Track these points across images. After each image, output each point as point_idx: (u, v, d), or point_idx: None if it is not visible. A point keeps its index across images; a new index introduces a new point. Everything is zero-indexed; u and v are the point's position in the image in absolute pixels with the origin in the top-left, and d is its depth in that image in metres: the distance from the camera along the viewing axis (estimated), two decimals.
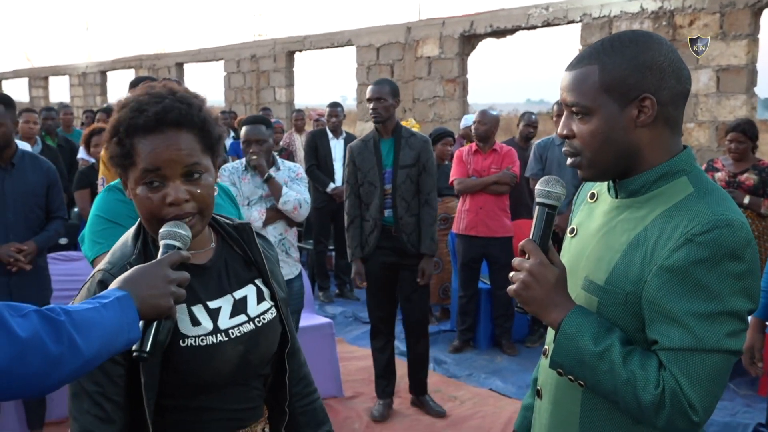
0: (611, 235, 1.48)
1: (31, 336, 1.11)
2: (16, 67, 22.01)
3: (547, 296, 1.43)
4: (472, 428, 4.45)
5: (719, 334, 1.31)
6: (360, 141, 4.54)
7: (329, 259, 7.95)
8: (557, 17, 8.38)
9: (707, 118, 7.42)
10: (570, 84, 1.46)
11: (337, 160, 7.46)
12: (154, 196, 1.45)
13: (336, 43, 11.28)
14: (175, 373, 1.48)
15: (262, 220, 3.89)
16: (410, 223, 4.41)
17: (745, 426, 4.38)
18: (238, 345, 1.54)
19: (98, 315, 1.22)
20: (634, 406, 1.35)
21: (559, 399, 1.56)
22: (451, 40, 9.58)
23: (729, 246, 1.30)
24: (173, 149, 1.44)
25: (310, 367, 1.93)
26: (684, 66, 1.44)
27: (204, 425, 1.54)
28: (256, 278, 1.65)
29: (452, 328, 6.32)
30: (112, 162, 1.50)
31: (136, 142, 1.44)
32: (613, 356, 1.35)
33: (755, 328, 3.05)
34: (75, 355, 1.16)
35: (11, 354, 1.09)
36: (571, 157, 1.50)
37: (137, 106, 1.46)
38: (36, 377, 1.13)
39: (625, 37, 1.43)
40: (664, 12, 7.45)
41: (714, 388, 1.32)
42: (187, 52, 14.98)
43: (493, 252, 5.75)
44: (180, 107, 1.47)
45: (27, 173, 3.80)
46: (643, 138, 1.43)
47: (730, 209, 1.35)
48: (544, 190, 1.49)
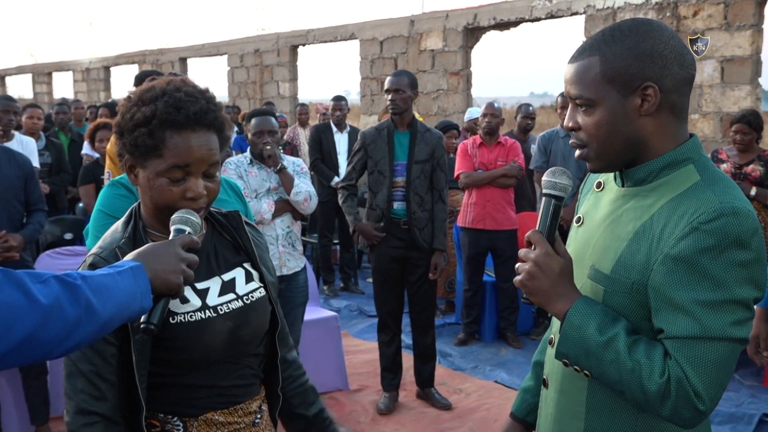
0: (617, 224, 1.47)
1: (52, 302, 1.15)
2: (20, 63, 22.01)
3: (552, 287, 1.43)
4: (477, 420, 4.45)
5: (725, 323, 1.30)
6: (374, 129, 4.51)
7: (334, 253, 7.95)
8: (561, 9, 8.35)
9: (712, 109, 7.38)
10: (573, 76, 1.45)
11: (341, 154, 7.45)
12: (176, 189, 1.51)
13: (339, 37, 11.26)
14: (167, 351, 1.53)
15: (272, 212, 3.89)
16: (423, 218, 4.41)
17: (750, 416, 4.37)
18: (227, 321, 1.59)
19: (113, 281, 1.26)
20: (640, 395, 1.34)
21: (565, 388, 1.56)
22: (455, 33, 9.55)
23: (735, 234, 1.29)
24: (204, 149, 1.52)
25: (316, 361, 1.99)
26: (687, 51, 1.42)
27: (196, 401, 1.58)
28: (244, 262, 1.71)
29: (457, 321, 6.32)
30: (132, 148, 1.53)
31: (167, 136, 1.49)
32: (618, 346, 1.34)
33: (761, 317, 3.04)
34: (92, 318, 1.21)
35: (36, 321, 1.13)
36: (579, 149, 1.50)
37: (174, 103, 1.51)
38: (56, 341, 1.17)
39: (625, 26, 1.42)
40: (668, 2, 7.41)
41: (720, 377, 1.31)
42: (190, 47, 14.96)
43: (499, 245, 5.75)
44: (213, 110, 1.56)
45: (3, 167, 3.77)
46: (648, 126, 1.42)
47: (737, 198, 1.34)
48: (551, 180, 1.49)
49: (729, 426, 4.31)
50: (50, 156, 6.56)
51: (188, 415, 1.58)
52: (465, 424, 4.39)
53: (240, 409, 1.64)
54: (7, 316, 1.11)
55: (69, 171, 6.87)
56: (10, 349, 1.12)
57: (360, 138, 4.52)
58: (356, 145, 4.55)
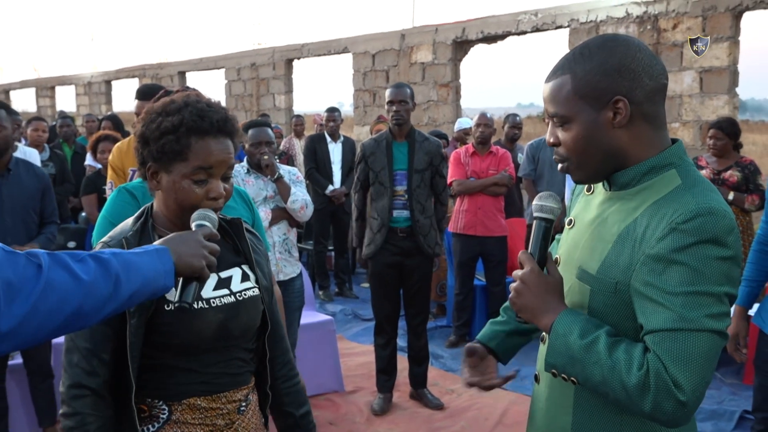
0: (603, 226, 1.49)
1: (92, 278, 1.27)
2: (24, 78, 21.98)
3: (539, 303, 1.46)
4: (468, 419, 4.46)
5: (701, 314, 1.30)
6: (373, 140, 4.52)
7: (329, 259, 7.96)
8: (546, 23, 8.40)
9: (691, 118, 7.44)
10: (548, 95, 1.49)
11: (335, 163, 7.46)
12: (199, 190, 1.62)
13: (333, 51, 11.29)
14: (159, 335, 1.61)
15: (269, 221, 3.90)
16: (426, 224, 4.45)
17: (731, 413, 4.39)
18: (218, 313, 1.66)
19: (138, 258, 1.37)
20: (622, 392, 1.33)
21: (554, 383, 1.58)
22: (444, 46, 9.60)
23: (712, 232, 1.31)
24: (225, 153, 1.64)
25: (312, 364, 2.04)
26: (656, 62, 1.44)
27: (182, 387, 1.65)
28: (242, 263, 1.78)
29: (448, 323, 6.33)
30: (159, 153, 1.62)
31: (193, 141, 1.61)
32: (599, 347, 1.36)
33: (739, 315, 3.09)
34: (119, 292, 1.31)
35: (80, 296, 1.24)
36: (561, 163, 1.53)
37: (198, 112, 1.63)
38: (93, 312, 1.28)
39: (593, 44, 1.45)
40: (649, 16, 7.47)
41: (700, 368, 1.30)
42: (189, 61, 14.97)
43: (489, 250, 5.79)
44: (231, 119, 1.69)
45: (23, 178, 3.80)
46: (623, 137, 1.44)
47: (715, 199, 1.35)
48: (539, 204, 1.54)
49: (711, 423, 4.33)
50: (54, 167, 6.57)
51: (173, 399, 1.64)
52: (457, 423, 4.40)
53: (224, 397, 1.69)
54: (61, 294, 1.22)
55: (72, 181, 6.87)
56: (61, 323, 1.23)
57: (360, 150, 4.53)
58: (357, 157, 4.56)
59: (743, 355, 3.12)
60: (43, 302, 1.19)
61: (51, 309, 1.21)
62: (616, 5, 7.69)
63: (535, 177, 6.24)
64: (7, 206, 3.70)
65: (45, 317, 1.20)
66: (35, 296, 1.19)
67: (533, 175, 6.21)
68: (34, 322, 1.19)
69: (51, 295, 1.21)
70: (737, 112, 7.29)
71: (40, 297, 1.19)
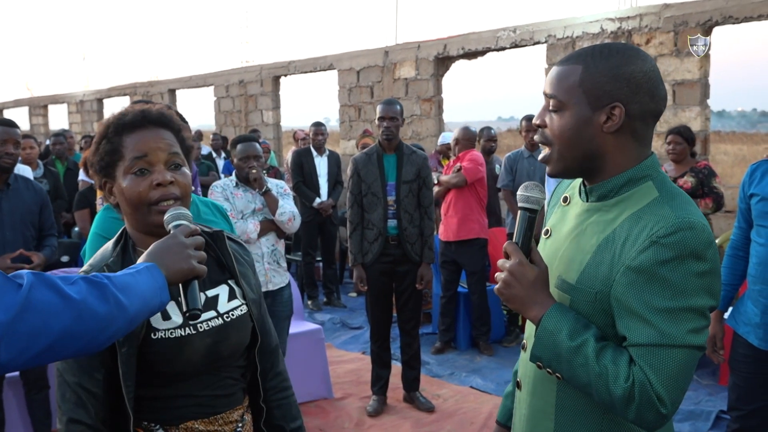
0: (582, 237, 1.48)
1: (83, 298, 1.20)
2: (17, 97, 21.81)
3: (527, 294, 1.44)
4: (455, 423, 4.45)
5: (683, 330, 1.30)
6: (364, 154, 4.56)
7: (317, 269, 7.94)
8: (524, 39, 8.44)
9: (664, 129, 7.46)
10: (554, 77, 1.46)
11: (321, 176, 7.46)
12: (142, 182, 1.53)
13: (319, 68, 11.28)
14: (148, 363, 1.52)
15: (257, 232, 3.90)
16: (413, 233, 4.49)
17: (708, 413, 4.40)
18: (206, 338, 1.57)
19: (133, 279, 1.31)
20: (607, 398, 1.34)
21: (536, 390, 1.56)
22: (426, 63, 9.62)
23: (692, 247, 1.30)
24: (158, 138, 1.57)
25: (302, 371, 1.95)
26: (661, 87, 1.43)
27: (177, 411, 1.57)
28: (229, 279, 1.69)
29: (434, 331, 6.34)
30: (101, 163, 1.58)
31: (123, 138, 1.56)
32: (588, 351, 1.35)
33: (716, 318, 3.10)
34: (121, 312, 1.25)
35: (72, 316, 1.17)
36: (543, 147, 1.50)
37: (122, 111, 1.60)
38: (91, 335, 1.21)
39: (614, 47, 1.44)
40: (623, 32, 7.52)
41: (680, 382, 1.32)
42: (178, 79, 14.91)
43: (465, 260, 5.84)
44: (160, 110, 1.61)
45: (22, 193, 3.81)
46: (608, 144, 1.43)
47: (693, 213, 1.35)
48: (524, 195, 1.50)
49: (689, 423, 4.33)
50: (48, 183, 6.52)
51: (170, 423, 1.56)
52: (443, 428, 4.38)
53: (220, 419, 1.61)
54: (45, 314, 1.15)
55: (65, 197, 6.83)
56: (51, 343, 1.16)
57: (352, 164, 4.56)
58: (349, 171, 4.59)
59: (720, 357, 3.13)
60: (22, 323, 1.12)
61: (33, 330, 1.13)
62: (591, 21, 7.74)
63: (513, 188, 6.27)
64: (7, 220, 3.71)
65: (28, 339, 1.13)
66: (10, 315, 1.11)
67: (512, 186, 6.23)
68: (14, 343, 1.11)
69: (32, 316, 1.13)
70: (709, 122, 7.34)
71: (16, 317, 1.11)
